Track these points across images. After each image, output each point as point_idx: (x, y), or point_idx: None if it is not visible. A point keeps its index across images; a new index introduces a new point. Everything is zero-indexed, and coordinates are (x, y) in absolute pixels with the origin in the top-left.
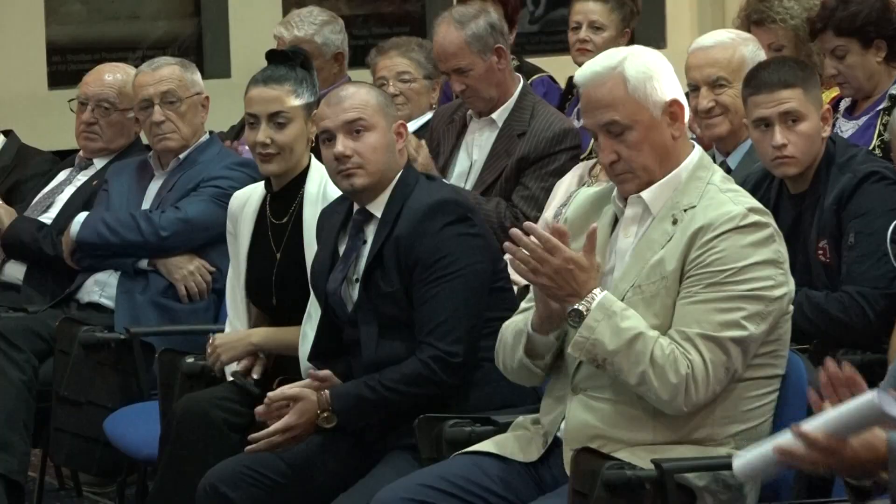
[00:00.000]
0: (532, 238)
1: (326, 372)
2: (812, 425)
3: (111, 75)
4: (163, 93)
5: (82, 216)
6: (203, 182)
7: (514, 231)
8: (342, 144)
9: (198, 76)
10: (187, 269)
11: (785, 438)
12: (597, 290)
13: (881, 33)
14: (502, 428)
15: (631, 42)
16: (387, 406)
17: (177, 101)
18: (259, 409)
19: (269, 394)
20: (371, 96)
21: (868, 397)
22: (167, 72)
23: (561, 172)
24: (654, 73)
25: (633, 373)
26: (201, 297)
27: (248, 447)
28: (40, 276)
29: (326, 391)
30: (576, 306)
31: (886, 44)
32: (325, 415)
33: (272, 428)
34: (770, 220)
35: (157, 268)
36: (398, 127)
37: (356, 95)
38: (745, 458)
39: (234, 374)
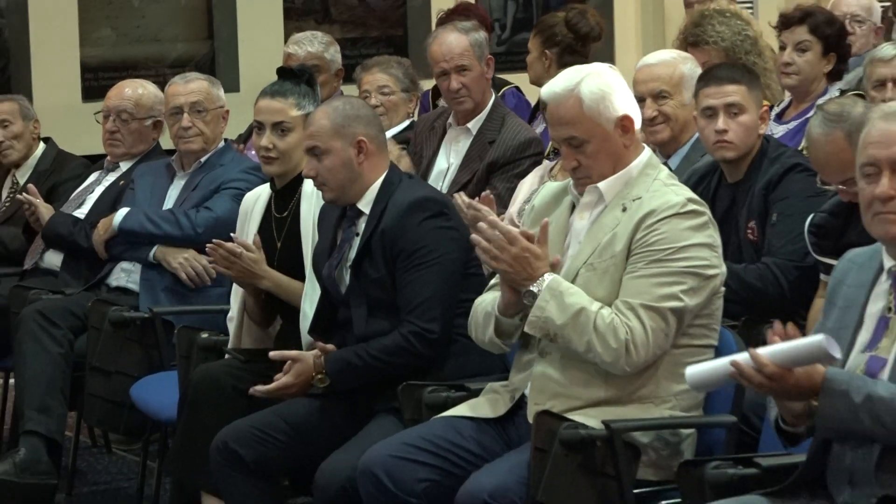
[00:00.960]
0: (495, 231)
1: (331, 346)
2: (766, 352)
3: (130, 90)
4: (192, 103)
5: (125, 209)
6: (224, 184)
7: (481, 224)
8: (308, 166)
9: (221, 92)
10: (182, 257)
11: (741, 356)
12: (547, 275)
13: (837, 49)
14: (474, 393)
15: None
16: (372, 372)
17: (203, 110)
18: (257, 388)
19: (272, 353)
20: (326, 121)
21: (817, 339)
22: (196, 85)
23: (524, 175)
24: (608, 93)
25: (580, 342)
26: (201, 279)
27: (253, 389)
28: (75, 263)
29: (322, 357)
30: (530, 288)
31: (836, 60)
32: (319, 376)
33: (275, 385)
34: (706, 210)
35: (159, 261)
36: (358, 143)
37: (314, 122)
38: (699, 370)
39: (228, 350)
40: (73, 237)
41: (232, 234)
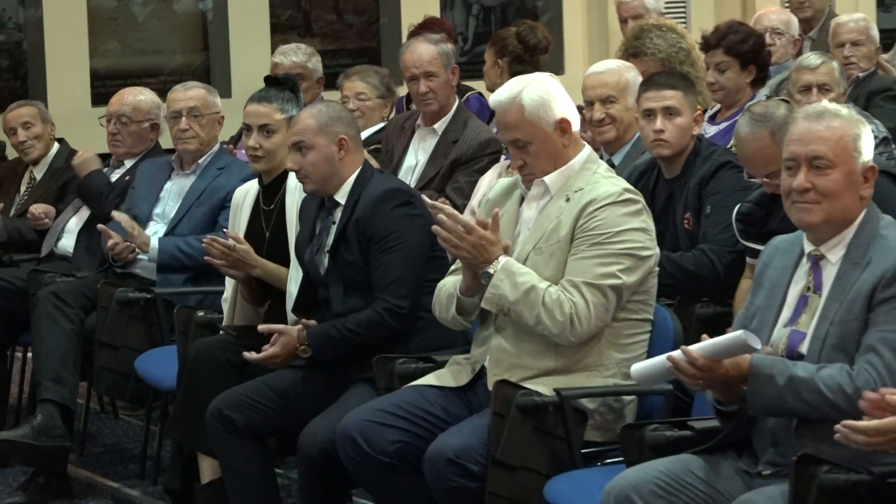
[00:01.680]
0: (455, 224)
1: (312, 321)
2: (695, 348)
3: (130, 96)
4: (190, 108)
5: (156, 242)
6: (230, 195)
7: (440, 217)
8: (292, 159)
9: (218, 100)
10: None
11: (676, 353)
12: (501, 257)
13: (755, 61)
14: (440, 365)
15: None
16: (349, 344)
17: (199, 115)
18: (248, 354)
19: (260, 327)
20: (312, 120)
21: (738, 334)
22: (195, 93)
23: (484, 171)
24: (547, 99)
25: (531, 316)
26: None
27: (245, 355)
28: (86, 249)
29: (304, 330)
30: (487, 269)
31: (756, 70)
32: (302, 347)
33: (263, 354)
34: (640, 198)
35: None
36: (339, 141)
37: (300, 121)
38: (642, 366)
39: (222, 327)
40: (102, 201)
41: (225, 230)
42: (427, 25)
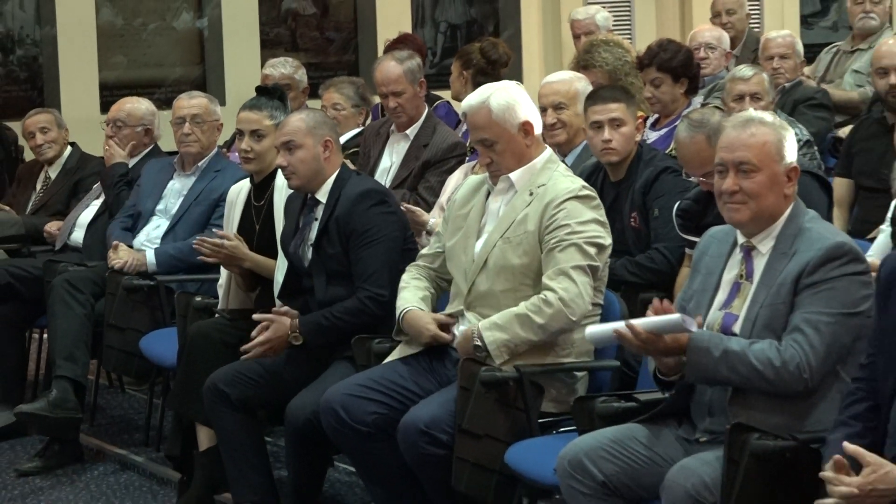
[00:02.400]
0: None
1: (294, 311)
2: (639, 322)
3: (128, 104)
4: (193, 114)
5: (152, 257)
6: (223, 196)
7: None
8: (281, 157)
9: (218, 108)
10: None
11: (621, 325)
12: (479, 332)
13: (686, 74)
14: None
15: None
16: (337, 330)
17: (202, 121)
18: (245, 348)
19: (255, 315)
20: (302, 123)
21: (676, 316)
22: (197, 101)
23: (452, 171)
24: (512, 104)
25: (534, 335)
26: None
27: (242, 348)
28: (96, 242)
29: (296, 320)
30: (477, 344)
31: (688, 81)
32: (294, 335)
33: (256, 341)
34: (596, 195)
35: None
36: (325, 143)
37: (290, 123)
38: (596, 330)
39: (217, 310)
40: (117, 191)
41: (214, 230)
42: (401, 40)
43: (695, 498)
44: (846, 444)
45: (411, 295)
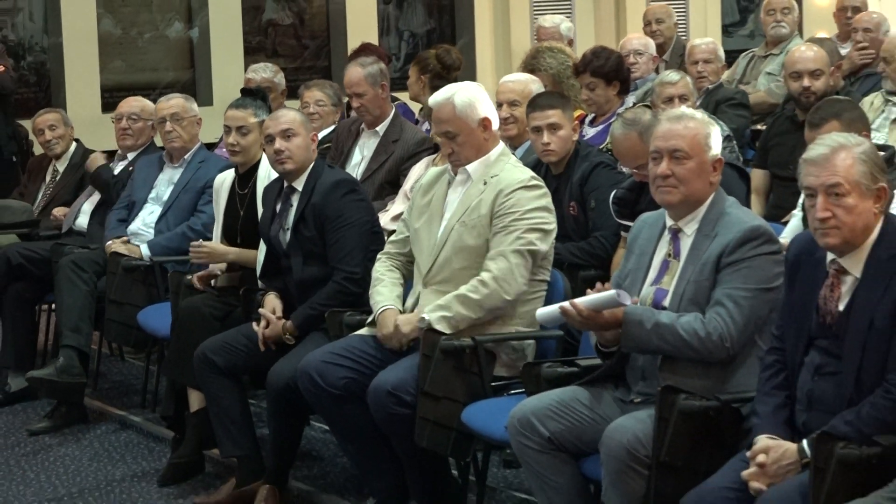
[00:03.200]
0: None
1: (272, 317)
2: (580, 300)
3: (136, 102)
4: (172, 113)
5: (146, 250)
6: (207, 185)
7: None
8: (279, 143)
9: (195, 105)
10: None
11: (566, 305)
12: (422, 317)
13: (618, 77)
14: None
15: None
16: (323, 314)
17: (180, 119)
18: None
19: (261, 310)
20: (297, 116)
21: (611, 293)
22: (174, 102)
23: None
24: (474, 101)
25: (476, 313)
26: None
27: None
28: (97, 226)
29: (289, 322)
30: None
31: (620, 83)
32: (287, 335)
33: (259, 335)
34: (543, 184)
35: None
36: (313, 136)
37: (288, 114)
38: (544, 311)
39: (206, 287)
40: (110, 187)
41: (192, 244)
42: (362, 49)
43: (630, 451)
44: (748, 454)
45: (388, 291)
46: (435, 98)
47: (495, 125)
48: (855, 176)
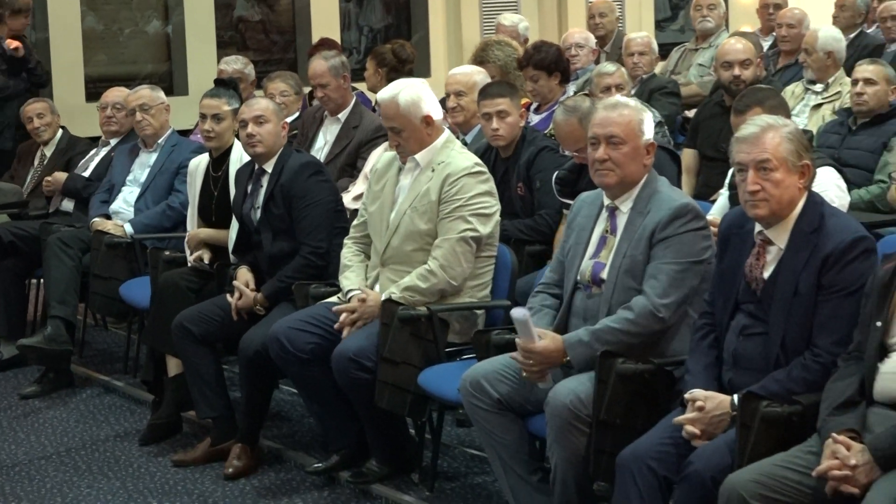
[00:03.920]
0: None
1: (244, 289)
2: (518, 344)
3: (119, 92)
4: (140, 104)
5: (129, 228)
6: (181, 166)
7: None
8: (251, 128)
9: (161, 94)
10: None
11: (517, 356)
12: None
13: (558, 68)
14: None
15: (410, 74)
16: (291, 286)
17: (149, 107)
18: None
19: (234, 282)
20: (270, 104)
21: (514, 314)
22: (142, 93)
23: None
24: (417, 100)
25: (423, 298)
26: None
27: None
28: (82, 209)
29: (259, 293)
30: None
31: (560, 74)
32: (258, 306)
33: (233, 306)
34: (486, 169)
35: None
36: (284, 124)
37: (261, 102)
38: (519, 313)
39: (192, 260)
40: (83, 192)
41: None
42: (321, 44)
43: (572, 411)
44: (687, 398)
45: (355, 276)
46: (381, 95)
47: (438, 119)
48: (782, 153)
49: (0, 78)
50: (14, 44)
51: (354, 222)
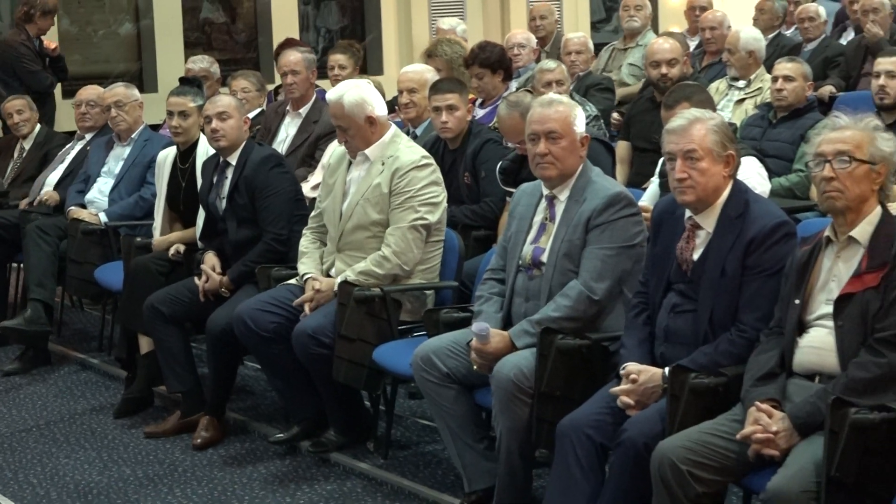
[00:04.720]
0: None
1: (211, 272)
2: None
3: (93, 90)
4: (115, 101)
5: (104, 217)
6: (153, 159)
7: None
8: (215, 124)
9: (135, 91)
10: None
11: (475, 358)
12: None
13: (501, 66)
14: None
15: (363, 71)
16: (254, 270)
17: (123, 104)
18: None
19: (202, 266)
20: (231, 101)
21: (474, 327)
22: (117, 90)
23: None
24: (361, 101)
25: (378, 281)
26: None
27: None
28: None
29: (225, 277)
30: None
31: (504, 71)
32: (224, 288)
33: (201, 289)
34: (433, 162)
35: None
36: (246, 119)
37: (224, 99)
38: (480, 327)
39: (172, 254)
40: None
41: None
42: (286, 44)
43: (516, 383)
44: (622, 372)
45: (311, 262)
46: (329, 96)
47: (382, 117)
48: (708, 144)
49: (45, 76)
50: (52, 45)
51: (312, 213)
